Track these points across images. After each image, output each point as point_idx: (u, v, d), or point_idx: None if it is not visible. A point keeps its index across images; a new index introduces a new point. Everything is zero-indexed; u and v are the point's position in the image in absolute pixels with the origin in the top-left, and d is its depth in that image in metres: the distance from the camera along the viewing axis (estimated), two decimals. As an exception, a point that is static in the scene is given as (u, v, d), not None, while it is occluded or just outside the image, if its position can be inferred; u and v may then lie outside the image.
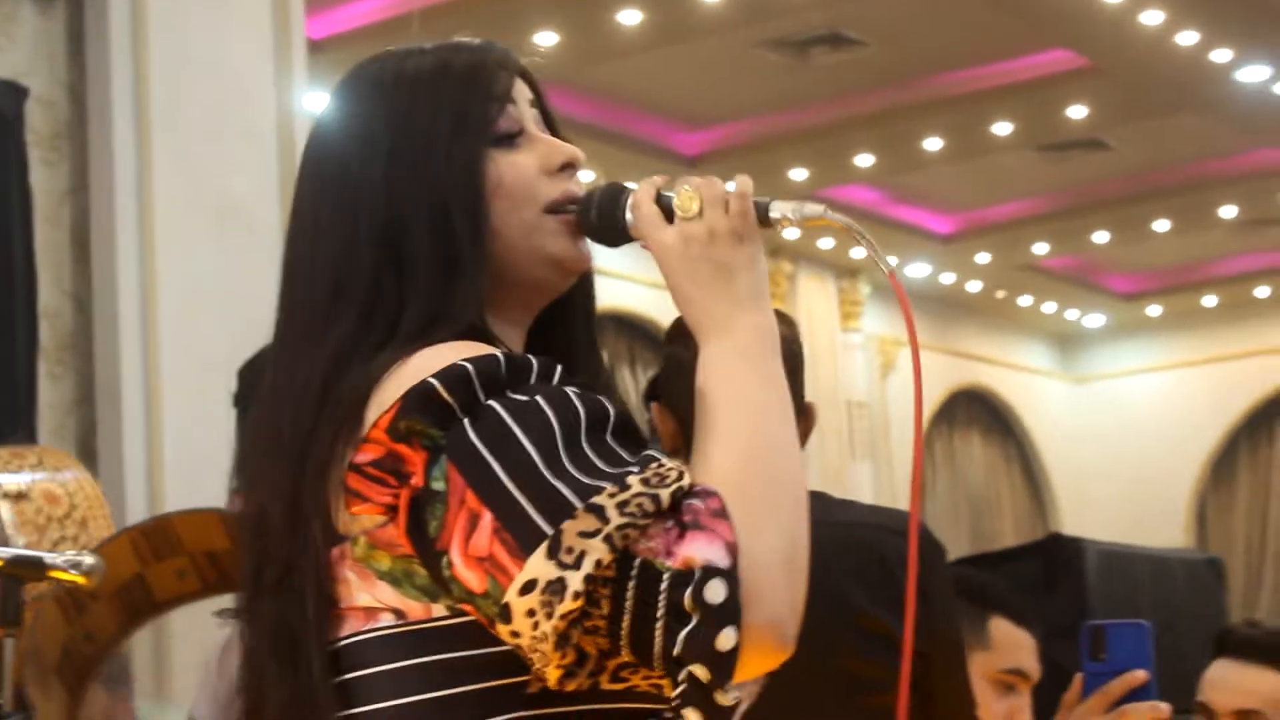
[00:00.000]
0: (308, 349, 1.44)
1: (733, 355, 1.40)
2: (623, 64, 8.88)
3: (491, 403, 1.32)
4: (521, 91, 1.53)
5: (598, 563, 1.25)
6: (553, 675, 1.29)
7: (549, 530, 1.26)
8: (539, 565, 1.26)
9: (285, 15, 5.51)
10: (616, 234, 1.48)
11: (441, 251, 1.44)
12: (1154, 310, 14.61)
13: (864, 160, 10.51)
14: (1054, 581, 4.83)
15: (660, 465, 1.30)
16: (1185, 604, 5.11)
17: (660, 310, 10.03)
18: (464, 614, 1.34)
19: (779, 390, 1.39)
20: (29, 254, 4.37)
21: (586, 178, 1.55)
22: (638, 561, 1.26)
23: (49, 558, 2.54)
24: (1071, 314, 14.69)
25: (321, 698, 1.39)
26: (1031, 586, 4.47)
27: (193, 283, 5.12)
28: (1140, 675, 2.06)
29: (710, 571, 1.24)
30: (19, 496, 2.88)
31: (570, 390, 1.36)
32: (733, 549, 1.26)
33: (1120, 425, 14.92)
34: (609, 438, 1.34)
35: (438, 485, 1.31)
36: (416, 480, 1.33)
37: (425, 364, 1.35)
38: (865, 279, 12.79)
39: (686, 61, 8.97)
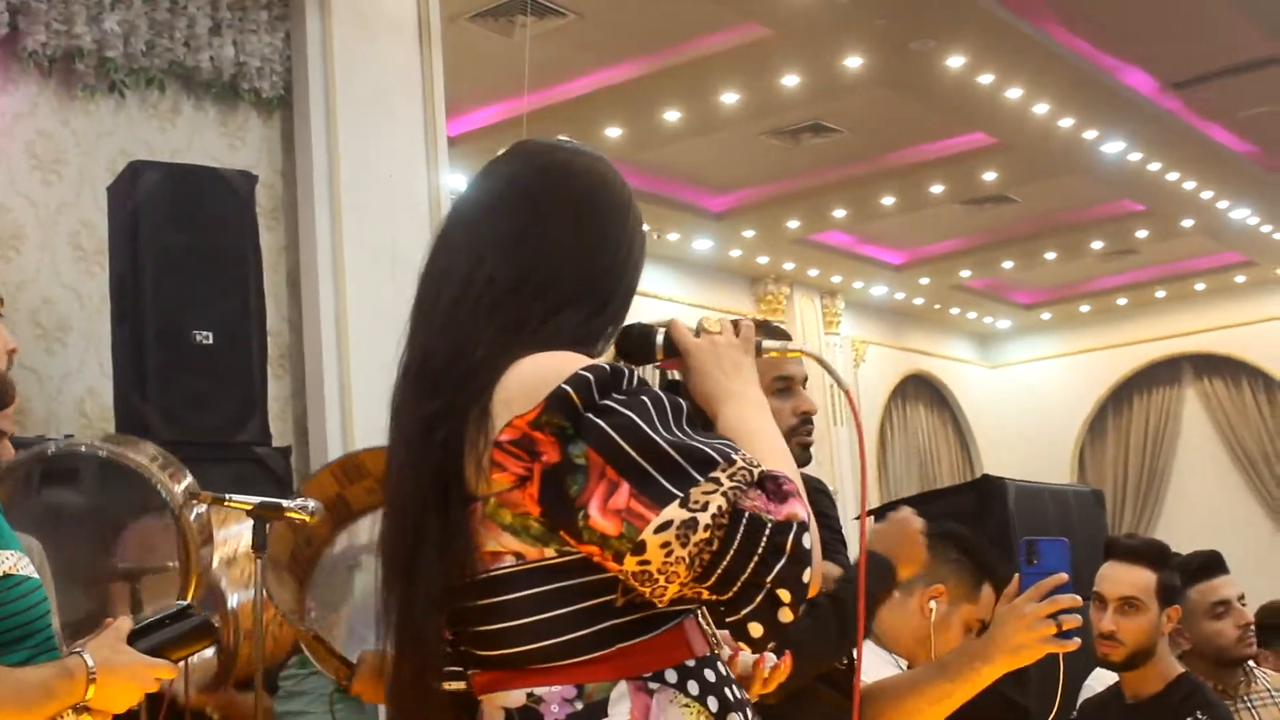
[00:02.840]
0: (496, 333, 1.38)
1: (749, 410, 1.48)
2: (667, 149, 8.87)
3: (608, 401, 1.31)
4: None
5: (719, 508, 1.26)
6: (672, 590, 1.28)
7: (680, 493, 1.27)
8: (674, 511, 1.26)
9: (433, 120, 5.53)
10: (647, 354, 1.57)
11: (613, 296, 1.46)
12: (1046, 315, 14.48)
13: (839, 213, 10.47)
14: (984, 511, 4.79)
15: (745, 453, 1.32)
16: (1078, 524, 5.05)
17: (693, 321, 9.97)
18: (569, 554, 1.32)
19: (776, 429, 1.47)
20: (259, 291, 4.39)
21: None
22: (746, 514, 1.27)
23: (285, 503, 2.54)
24: (988, 319, 14.58)
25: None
26: (967, 515, 4.41)
27: (372, 311, 5.14)
28: (1063, 576, 2.06)
29: (803, 526, 1.28)
30: None
31: (657, 390, 1.36)
32: (810, 515, 1.31)
33: (1023, 399, 14.81)
34: (685, 424, 1.34)
35: (579, 461, 1.29)
36: (549, 457, 1.29)
37: (548, 373, 1.32)
38: (841, 298, 12.71)
39: (712, 146, 8.96)
